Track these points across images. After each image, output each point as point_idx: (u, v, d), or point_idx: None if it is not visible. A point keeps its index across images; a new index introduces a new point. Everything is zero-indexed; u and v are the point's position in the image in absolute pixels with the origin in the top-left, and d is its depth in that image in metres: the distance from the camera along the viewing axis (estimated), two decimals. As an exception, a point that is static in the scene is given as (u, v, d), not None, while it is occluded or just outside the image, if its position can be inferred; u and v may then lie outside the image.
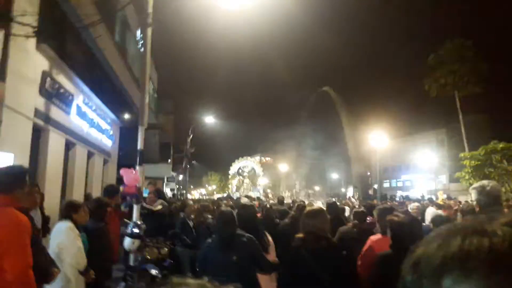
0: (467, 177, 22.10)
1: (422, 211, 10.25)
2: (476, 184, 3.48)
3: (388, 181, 53.77)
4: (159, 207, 8.17)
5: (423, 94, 30.55)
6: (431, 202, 18.07)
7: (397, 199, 27.58)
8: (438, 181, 41.67)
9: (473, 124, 31.61)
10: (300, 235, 3.80)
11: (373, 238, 4.35)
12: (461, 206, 11.76)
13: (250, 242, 4.03)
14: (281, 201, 11.64)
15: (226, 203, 9.63)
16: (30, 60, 7.33)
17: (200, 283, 0.71)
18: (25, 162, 6.91)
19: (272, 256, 4.66)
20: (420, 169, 42.71)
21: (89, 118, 10.90)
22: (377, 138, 28.03)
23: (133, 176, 6.29)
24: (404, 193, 38.64)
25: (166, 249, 7.25)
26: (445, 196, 23.00)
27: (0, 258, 2.81)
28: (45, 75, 7.93)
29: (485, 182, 3.42)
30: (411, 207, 10.66)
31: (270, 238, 4.84)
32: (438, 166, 39.70)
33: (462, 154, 23.15)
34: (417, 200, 20.69)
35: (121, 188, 6.40)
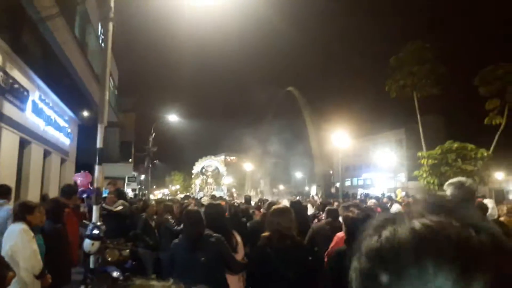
0: (424, 175, 22.97)
1: (386, 208, 10.72)
2: (453, 180, 3.50)
3: (349, 179, 55.17)
4: (120, 207, 7.94)
5: (384, 95, 31.52)
6: (390, 199, 18.83)
7: (358, 196, 28.31)
8: (397, 180, 43.14)
9: (430, 125, 32.93)
10: (266, 233, 3.78)
11: (339, 235, 4.44)
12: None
13: (218, 242, 3.98)
14: (248, 200, 11.66)
15: (187, 203, 9.50)
16: (-19, 53, 6.94)
17: (165, 285, 0.70)
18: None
19: (240, 255, 4.63)
20: (380, 167, 44.03)
21: (46, 115, 10.45)
22: (339, 138, 28.64)
23: (84, 178, 6.12)
24: (365, 191, 39.73)
25: (128, 251, 7.07)
26: (403, 193, 23.86)
27: None
28: (-3, 69, 7.53)
29: (462, 178, 3.45)
30: (369, 203, 11.42)
31: (238, 238, 4.79)
32: (397, 165, 41.07)
33: (419, 153, 24.03)
34: (376, 198, 21.48)
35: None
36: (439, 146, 22.62)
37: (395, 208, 10.65)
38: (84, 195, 6.11)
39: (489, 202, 8.91)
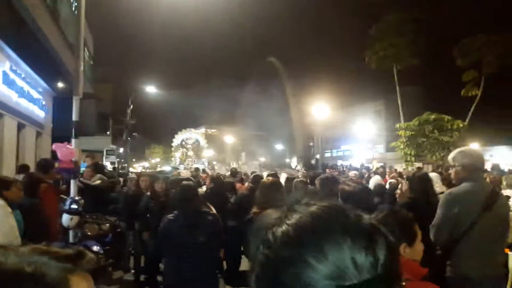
0: (402, 146, 23.40)
1: (366, 178, 10.86)
2: (461, 148, 3.45)
3: (329, 151, 55.81)
4: (98, 181, 7.81)
5: (363, 66, 31.54)
6: (368, 170, 19.22)
7: (338, 168, 28.75)
8: (375, 151, 43.89)
9: (409, 96, 33.24)
10: (255, 208, 3.66)
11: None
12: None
13: (215, 221, 3.88)
14: (234, 173, 11.47)
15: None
16: None
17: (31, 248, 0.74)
18: None
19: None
20: (359, 139, 44.64)
21: (18, 86, 10.05)
22: (319, 110, 28.71)
23: (67, 150, 5.86)
24: (345, 163, 40.37)
25: (108, 225, 7.01)
26: (379, 164, 24.31)
27: None
28: (-37, 38, 7.11)
29: (469, 147, 3.38)
30: (350, 174, 11.54)
31: (213, 209, 4.70)
32: (376, 137, 41.68)
33: (398, 125, 24.38)
34: (356, 169, 21.85)
35: (56, 164, 5.98)
36: (417, 117, 22.97)
37: (375, 179, 10.77)
38: (66, 174, 5.92)
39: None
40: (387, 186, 9.14)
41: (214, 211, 4.71)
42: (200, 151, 47.72)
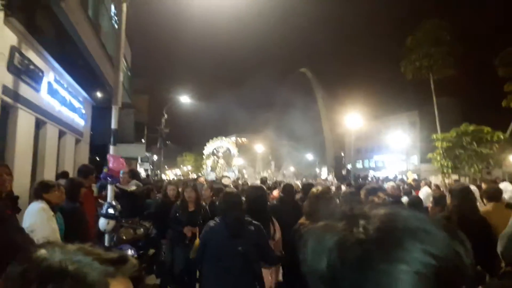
0: (438, 158, 22.74)
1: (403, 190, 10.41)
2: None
3: (360, 161, 54.92)
4: (133, 187, 8.07)
5: (398, 77, 31.02)
6: (403, 182, 18.68)
7: (369, 179, 28.22)
8: (410, 162, 42.85)
9: (445, 107, 32.42)
10: (303, 220, 3.51)
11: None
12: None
13: (258, 231, 3.70)
14: (263, 181, 11.39)
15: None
16: (-2, 35, 6.98)
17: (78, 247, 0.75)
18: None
19: (278, 243, 4.39)
20: (392, 149, 43.71)
21: (61, 96, 10.53)
22: (352, 120, 28.40)
23: (119, 162, 6.18)
24: (376, 173, 39.59)
25: (142, 230, 7.22)
26: (415, 175, 23.69)
27: None
28: (13, 50, 7.56)
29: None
30: (387, 186, 10.92)
31: (277, 224, 4.53)
32: (410, 147, 40.71)
33: (434, 136, 23.76)
34: (391, 180, 21.26)
35: (104, 169, 6.27)
36: (454, 128, 22.31)
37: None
38: (109, 180, 6.18)
39: (508, 185, 8.70)
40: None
41: (277, 225, 4.53)
42: (231, 160, 47.98)
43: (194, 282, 5.75)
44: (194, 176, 38.04)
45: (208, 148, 49.46)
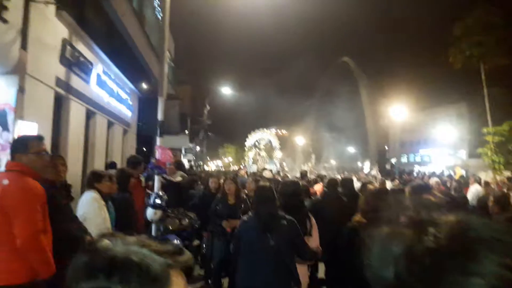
0: (489, 153, 21.55)
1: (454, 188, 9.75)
2: None
3: (405, 155, 53.20)
4: (179, 178, 8.16)
5: (444, 66, 29.58)
6: (450, 178, 17.76)
7: (414, 174, 27.28)
8: (457, 157, 41.02)
9: (497, 98, 30.63)
10: (358, 217, 3.45)
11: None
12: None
13: (291, 226, 3.66)
14: (303, 174, 11.13)
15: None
16: (50, 28, 7.21)
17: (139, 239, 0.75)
18: (47, 131, 6.93)
19: (315, 239, 4.30)
20: (438, 143, 42.04)
21: (109, 87, 10.83)
22: (396, 111, 27.49)
23: (167, 154, 6.29)
24: (422, 168, 38.26)
25: (187, 220, 7.29)
26: (463, 171, 22.58)
27: (10, 223, 2.86)
28: (65, 43, 7.82)
29: None
30: (431, 182, 10.25)
31: (313, 220, 4.45)
32: (458, 141, 38.97)
33: (485, 129, 22.52)
34: (438, 176, 20.20)
35: (153, 160, 6.39)
36: (507, 121, 21.03)
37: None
38: (156, 170, 6.30)
39: None
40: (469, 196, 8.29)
41: (313, 220, 4.44)
42: (272, 152, 47.99)
43: (231, 276, 5.74)
44: (235, 168, 38.38)
45: (250, 140, 49.68)
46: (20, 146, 3.20)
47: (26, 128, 6.09)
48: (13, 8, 5.63)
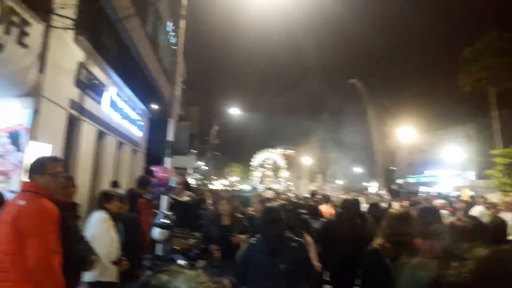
0: (500, 175, 21.39)
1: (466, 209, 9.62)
2: None
3: (412, 176, 52.81)
4: (186, 198, 8.27)
5: (452, 89, 29.68)
6: (460, 200, 17.50)
7: (420, 194, 27.03)
8: (465, 178, 40.61)
9: (506, 120, 30.53)
10: (379, 240, 3.33)
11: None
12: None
13: (300, 248, 3.61)
14: (314, 194, 10.79)
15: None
16: (68, 52, 7.50)
17: (196, 273, 0.77)
18: (59, 151, 7.12)
19: (313, 257, 4.27)
20: (446, 164, 41.70)
21: (121, 108, 11.06)
22: (404, 133, 27.49)
23: (164, 175, 6.45)
24: (429, 189, 37.89)
25: (194, 240, 7.36)
26: (472, 193, 22.35)
27: (23, 245, 2.89)
28: (81, 66, 8.10)
29: None
30: (436, 203, 10.02)
31: (308, 237, 4.45)
32: (466, 162, 38.64)
33: (495, 151, 22.42)
34: (444, 197, 19.85)
35: (153, 180, 6.53)
36: (517, 143, 20.97)
37: (478, 210, 9.52)
38: (161, 188, 6.44)
39: None
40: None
41: (308, 237, 4.43)
42: (278, 172, 48.01)
43: None
44: (241, 187, 38.26)
45: (256, 160, 49.83)
46: (37, 167, 3.25)
47: (40, 148, 6.28)
48: (33, 33, 5.91)
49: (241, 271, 3.74)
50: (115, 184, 10.23)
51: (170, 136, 7.17)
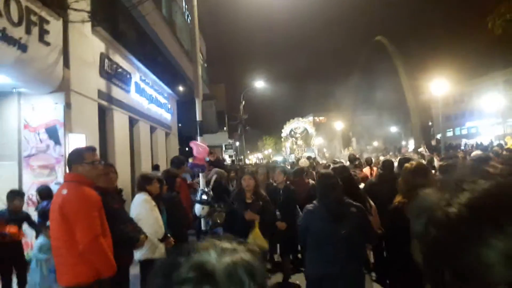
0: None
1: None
2: None
3: (451, 129, 51.15)
4: (214, 176, 8.39)
5: (485, 33, 28.05)
6: (501, 148, 16.54)
7: (462, 147, 26.21)
8: (507, 125, 38.96)
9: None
10: (400, 198, 3.27)
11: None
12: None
13: (360, 213, 3.51)
14: (352, 159, 10.44)
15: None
16: (88, 44, 7.65)
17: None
18: (95, 141, 7.37)
19: (376, 220, 4.17)
20: (486, 114, 40.10)
21: (148, 94, 11.26)
22: (437, 85, 26.46)
23: (202, 149, 6.54)
24: (470, 141, 36.67)
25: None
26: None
27: (71, 231, 3.08)
28: (103, 56, 8.25)
29: None
30: (473, 155, 9.60)
31: (371, 202, 4.34)
32: (506, 109, 36.96)
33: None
34: (483, 148, 18.90)
35: (190, 159, 6.65)
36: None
37: None
38: (196, 169, 6.56)
39: None
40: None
41: (371, 201, 4.34)
42: (309, 140, 47.63)
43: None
44: (274, 159, 38.42)
45: (285, 130, 49.63)
46: (76, 157, 3.42)
47: (76, 140, 6.54)
48: (53, 30, 6.05)
49: (301, 238, 3.73)
50: (156, 167, 10.59)
51: (198, 115, 7.23)
